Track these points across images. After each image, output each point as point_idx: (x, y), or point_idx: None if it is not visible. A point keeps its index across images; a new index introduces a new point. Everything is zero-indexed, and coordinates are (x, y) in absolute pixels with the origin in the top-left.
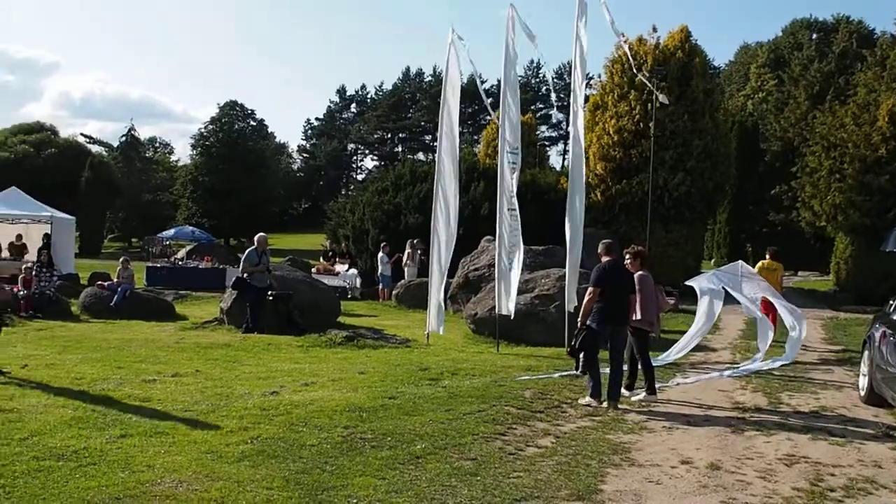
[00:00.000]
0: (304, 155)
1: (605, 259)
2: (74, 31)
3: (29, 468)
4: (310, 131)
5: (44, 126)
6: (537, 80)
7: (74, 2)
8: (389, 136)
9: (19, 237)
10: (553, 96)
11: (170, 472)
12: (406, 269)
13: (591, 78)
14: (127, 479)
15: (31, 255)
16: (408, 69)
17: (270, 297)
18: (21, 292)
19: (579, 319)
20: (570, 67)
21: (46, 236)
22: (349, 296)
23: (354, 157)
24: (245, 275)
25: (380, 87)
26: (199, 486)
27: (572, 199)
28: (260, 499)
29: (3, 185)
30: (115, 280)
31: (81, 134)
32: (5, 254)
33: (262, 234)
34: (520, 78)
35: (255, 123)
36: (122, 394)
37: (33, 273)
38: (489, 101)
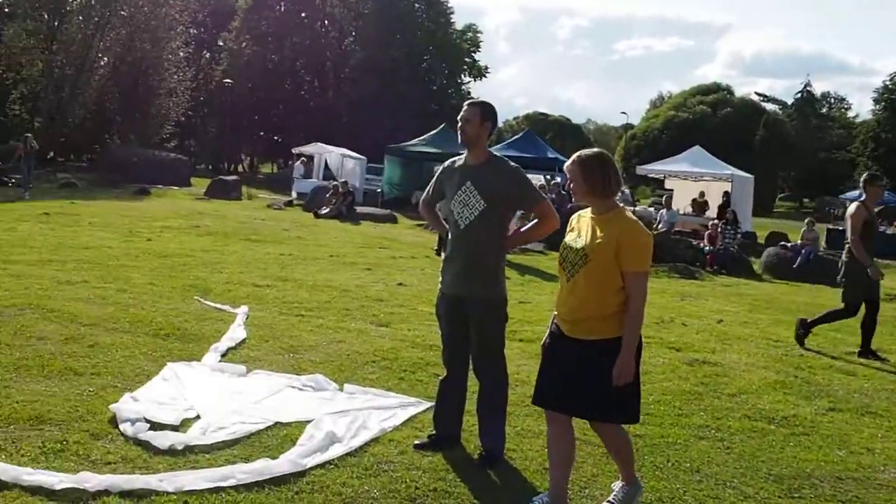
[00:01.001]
0: None
1: None
2: None
3: (742, 427)
4: None
5: (720, 86)
6: None
7: None
8: None
9: (702, 194)
10: None
11: (892, 461)
12: None
13: None
14: (845, 458)
15: (711, 213)
16: None
17: None
18: (707, 248)
19: None
20: None
21: (726, 194)
22: None
23: None
24: None
25: None
26: None
27: None
28: None
29: (684, 145)
30: (799, 241)
31: (755, 93)
32: (688, 209)
33: None
34: None
35: None
36: (823, 363)
37: (718, 230)
38: None
